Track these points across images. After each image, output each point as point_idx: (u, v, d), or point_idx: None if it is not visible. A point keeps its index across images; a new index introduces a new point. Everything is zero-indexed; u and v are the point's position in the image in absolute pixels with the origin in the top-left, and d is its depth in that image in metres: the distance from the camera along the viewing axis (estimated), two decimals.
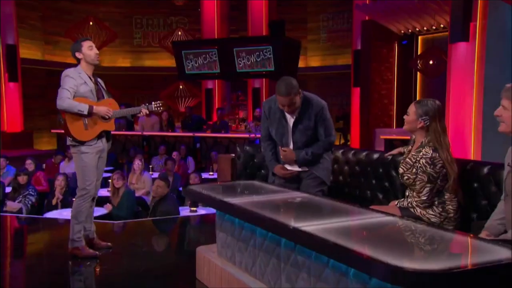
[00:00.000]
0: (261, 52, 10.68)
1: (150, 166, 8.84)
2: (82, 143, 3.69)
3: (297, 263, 2.22)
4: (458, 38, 6.16)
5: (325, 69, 14.51)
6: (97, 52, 3.90)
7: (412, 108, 2.83)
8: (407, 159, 2.85)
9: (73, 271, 3.66)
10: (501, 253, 1.73)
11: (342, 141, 13.41)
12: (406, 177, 2.83)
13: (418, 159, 2.76)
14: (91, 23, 12.09)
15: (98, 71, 14.50)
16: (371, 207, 2.90)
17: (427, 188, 2.73)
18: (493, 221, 2.36)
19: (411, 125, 2.83)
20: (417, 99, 11.49)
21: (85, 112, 3.66)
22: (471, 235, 2.02)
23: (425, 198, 2.75)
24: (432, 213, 2.76)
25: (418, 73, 11.04)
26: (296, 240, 2.13)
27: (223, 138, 9.88)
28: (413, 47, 11.38)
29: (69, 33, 12.09)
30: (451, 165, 2.72)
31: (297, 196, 2.95)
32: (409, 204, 2.83)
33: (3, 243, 4.33)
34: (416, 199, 2.79)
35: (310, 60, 15.04)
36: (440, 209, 2.75)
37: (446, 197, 2.75)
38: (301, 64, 14.09)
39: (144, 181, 7.59)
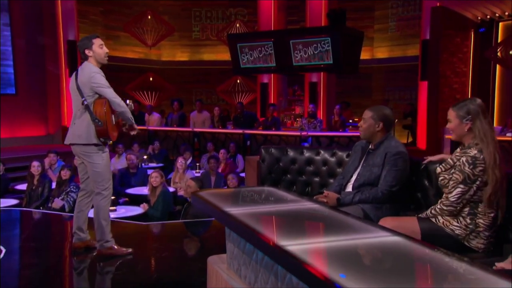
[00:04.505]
0: (318, 44, 10.02)
1: (198, 164, 8.61)
2: (108, 143, 3.74)
3: (292, 283, 1.96)
4: None
5: (393, 61, 13.49)
6: (107, 51, 3.80)
7: (451, 113, 2.60)
8: (449, 159, 2.62)
9: (84, 275, 3.67)
10: None
11: (410, 139, 12.41)
12: (441, 177, 2.59)
13: (459, 158, 2.52)
14: (149, 17, 12.10)
15: (157, 66, 14.70)
16: (383, 219, 2.64)
17: (459, 189, 2.45)
18: None
19: (457, 131, 2.58)
20: (496, 93, 10.40)
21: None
22: (479, 264, 1.64)
23: (453, 199, 2.46)
24: (456, 224, 2.48)
25: (498, 64, 9.78)
26: (274, 258, 1.96)
27: (273, 136, 9.41)
28: (493, 35, 10.11)
29: (128, 28, 12.22)
30: (493, 169, 2.39)
31: (309, 207, 2.67)
32: (431, 212, 2.57)
33: (25, 240, 4.38)
34: (444, 201, 2.51)
35: (377, 51, 14.05)
36: (468, 221, 2.46)
37: (479, 209, 2.45)
38: (366, 56, 13.22)
39: (187, 180, 7.37)
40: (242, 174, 7.40)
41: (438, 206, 2.54)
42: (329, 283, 1.46)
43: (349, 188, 3.21)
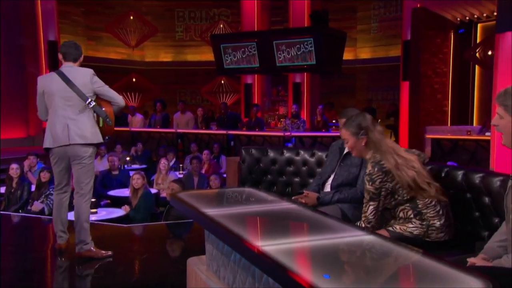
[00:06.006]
0: (301, 45, 10.04)
1: (181, 165, 8.57)
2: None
3: (269, 283, 1.96)
4: (506, 28, 5.41)
5: (375, 61, 13.63)
6: None
7: (345, 133, 2.66)
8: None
9: (64, 279, 3.64)
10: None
11: (393, 139, 12.53)
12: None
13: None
14: (131, 17, 12.02)
15: (141, 66, 14.47)
16: None
17: (371, 207, 2.54)
18: (493, 243, 2.11)
19: (357, 148, 2.64)
20: (475, 93, 10.54)
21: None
22: (447, 260, 1.65)
23: (371, 217, 2.54)
24: (412, 226, 2.53)
25: (476, 65, 9.93)
26: (248, 258, 1.96)
27: (257, 136, 9.42)
28: (472, 36, 10.26)
29: (110, 28, 12.11)
30: (401, 170, 2.48)
31: (286, 208, 2.67)
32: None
33: (4, 244, 4.31)
34: (365, 220, 2.57)
35: (360, 51, 14.17)
36: (419, 221, 2.52)
37: (420, 206, 2.52)
38: (350, 56, 13.32)
39: (170, 182, 7.33)
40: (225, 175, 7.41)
41: (363, 225, 2.58)
42: (301, 283, 1.46)
43: (327, 188, 3.23)
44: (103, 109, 3.71)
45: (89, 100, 3.62)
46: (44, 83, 3.72)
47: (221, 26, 12.84)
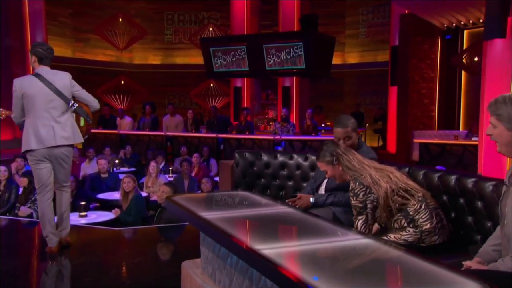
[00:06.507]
0: (291, 49, 10.09)
1: (170, 168, 8.54)
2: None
3: (266, 286, 1.99)
4: (494, 35, 5.55)
5: (363, 66, 13.79)
6: None
7: (322, 165, 2.80)
8: None
9: (55, 282, 3.58)
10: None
11: (381, 143, 12.65)
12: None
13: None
14: (120, 19, 11.96)
15: (129, 69, 14.35)
16: None
17: (360, 221, 2.61)
18: (487, 247, 2.14)
19: (338, 175, 2.77)
20: (462, 98, 10.68)
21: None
22: (444, 263, 1.67)
23: (363, 230, 2.59)
24: (406, 234, 2.56)
25: (463, 70, 10.10)
26: (249, 262, 1.96)
27: (247, 140, 9.44)
28: (458, 42, 10.44)
29: (98, 30, 12.04)
30: (377, 182, 2.55)
31: (282, 211, 2.70)
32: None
33: None
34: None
35: (348, 56, 14.31)
36: (413, 229, 2.55)
37: (411, 213, 2.54)
38: (338, 61, 13.44)
39: (160, 185, 7.29)
40: (216, 178, 7.39)
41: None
42: (302, 286, 1.48)
43: (322, 191, 3.25)
44: (86, 109, 3.94)
45: (72, 102, 3.79)
46: (22, 85, 3.73)
47: (211, 29, 12.87)
